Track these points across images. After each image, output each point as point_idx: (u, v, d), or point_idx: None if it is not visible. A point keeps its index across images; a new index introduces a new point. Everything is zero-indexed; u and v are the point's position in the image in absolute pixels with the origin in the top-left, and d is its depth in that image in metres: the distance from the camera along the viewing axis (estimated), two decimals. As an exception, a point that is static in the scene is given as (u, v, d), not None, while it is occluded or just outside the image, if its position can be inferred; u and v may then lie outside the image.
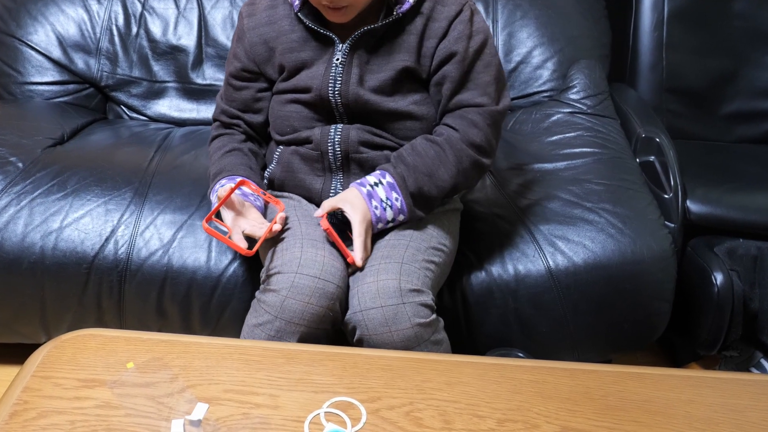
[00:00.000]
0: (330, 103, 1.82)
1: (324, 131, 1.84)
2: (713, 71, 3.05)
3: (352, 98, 1.80)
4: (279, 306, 1.61)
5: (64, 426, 1.26)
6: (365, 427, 1.30)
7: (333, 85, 1.79)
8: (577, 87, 2.71)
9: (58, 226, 2.05)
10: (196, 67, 2.81)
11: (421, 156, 1.76)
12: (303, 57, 1.83)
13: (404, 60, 1.78)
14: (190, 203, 2.14)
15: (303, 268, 1.63)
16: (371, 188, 1.74)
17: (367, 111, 1.82)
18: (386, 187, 1.74)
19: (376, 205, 1.72)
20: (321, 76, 1.80)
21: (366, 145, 1.83)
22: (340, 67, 1.79)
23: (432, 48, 1.79)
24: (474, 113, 1.79)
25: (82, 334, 1.50)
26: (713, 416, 1.41)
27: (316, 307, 1.62)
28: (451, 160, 1.77)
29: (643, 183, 2.36)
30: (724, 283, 2.25)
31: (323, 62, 1.81)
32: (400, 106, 1.81)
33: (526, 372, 1.49)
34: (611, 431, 1.34)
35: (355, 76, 1.79)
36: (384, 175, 1.76)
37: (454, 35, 1.77)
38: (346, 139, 1.82)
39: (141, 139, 2.55)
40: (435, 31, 1.78)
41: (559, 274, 2.06)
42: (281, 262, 1.67)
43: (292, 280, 1.62)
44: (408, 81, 1.82)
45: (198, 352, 1.47)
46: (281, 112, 1.89)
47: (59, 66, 2.74)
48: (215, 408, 1.32)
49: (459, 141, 1.78)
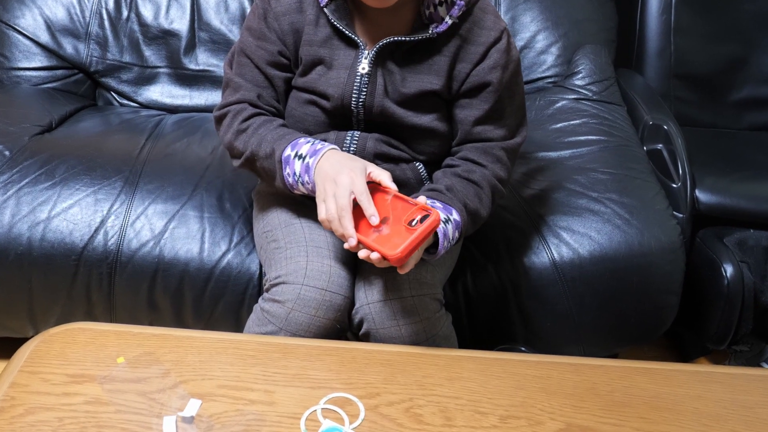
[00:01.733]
0: (351, 112, 1.76)
1: (339, 137, 1.78)
2: (723, 56, 3.05)
3: (377, 110, 1.75)
4: (284, 318, 1.60)
5: (53, 423, 1.25)
6: (363, 424, 1.30)
7: (357, 95, 1.73)
8: (583, 72, 2.71)
9: (46, 216, 2.05)
10: (189, 52, 2.80)
11: (468, 197, 1.69)
12: (321, 54, 1.75)
13: (432, 83, 1.73)
14: (183, 192, 2.13)
15: (309, 279, 1.62)
16: (445, 226, 1.59)
17: (389, 122, 1.77)
18: (453, 225, 1.62)
19: (446, 246, 1.60)
20: (343, 84, 1.73)
21: (381, 157, 1.79)
22: (366, 77, 1.73)
23: (464, 72, 1.74)
24: (498, 149, 1.76)
25: (71, 328, 1.49)
26: (722, 413, 1.41)
27: (323, 320, 1.60)
28: (488, 199, 1.73)
29: (650, 172, 2.35)
30: (734, 275, 2.25)
31: (344, 68, 1.74)
32: (423, 122, 1.76)
33: (530, 367, 1.49)
34: (617, 428, 1.34)
35: (380, 87, 1.73)
36: (450, 211, 1.64)
37: (489, 63, 1.72)
38: (362, 149, 1.77)
39: (132, 127, 2.54)
40: (470, 55, 1.73)
41: (563, 266, 2.05)
42: (286, 272, 1.65)
43: (298, 293, 1.60)
44: (431, 99, 1.76)
45: (191, 347, 1.46)
46: (296, 112, 1.82)
47: (47, 51, 2.73)
48: (208, 404, 1.32)
49: (492, 178, 1.74)
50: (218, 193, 2.15)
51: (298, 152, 1.62)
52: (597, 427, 1.34)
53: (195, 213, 2.09)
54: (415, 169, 1.80)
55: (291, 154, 1.63)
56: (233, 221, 2.09)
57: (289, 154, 1.63)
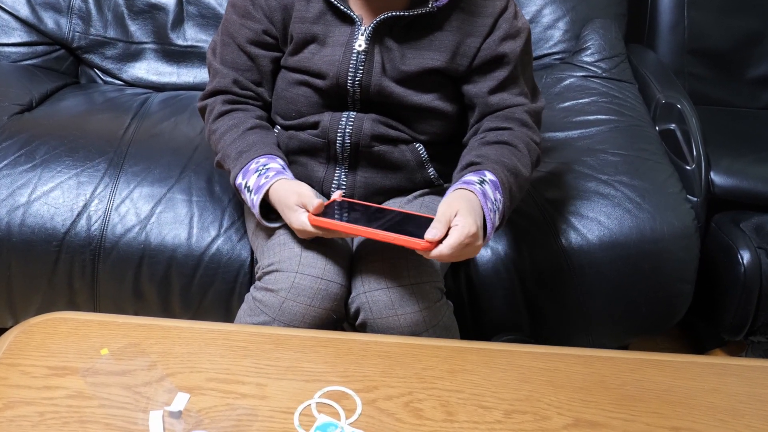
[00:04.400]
0: (346, 92, 1.76)
1: (334, 119, 1.78)
2: (739, 31, 3.04)
3: (375, 89, 1.74)
4: (278, 308, 1.60)
5: (33, 417, 1.25)
6: (360, 418, 1.30)
7: (353, 74, 1.72)
8: (591, 48, 2.70)
9: (26, 200, 2.04)
10: (177, 26, 2.79)
11: (501, 155, 1.67)
12: (314, 31, 1.75)
13: (435, 60, 1.72)
14: (170, 175, 2.13)
15: (304, 267, 1.61)
16: (481, 186, 1.57)
17: (387, 102, 1.77)
18: (491, 186, 1.59)
19: (490, 207, 1.56)
20: (338, 62, 1.72)
21: (379, 139, 1.78)
22: (363, 54, 1.72)
23: (474, 47, 1.73)
24: (520, 112, 1.75)
25: (52, 318, 1.49)
26: (738, 407, 1.41)
27: (319, 310, 1.60)
28: (525, 154, 1.70)
29: (663, 153, 2.35)
30: (752, 261, 2.25)
31: (339, 45, 1.73)
32: (424, 101, 1.76)
33: (536, 359, 1.49)
34: (628, 423, 1.34)
35: (378, 65, 1.73)
36: (483, 173, 1.61)
37: (499, 34, 1.72)
38: (359, 130, 1.76)
39: (116, 106, 2.53)
40: (477, 28, 1.73)
41: (572, 252, 2.05)
42: (279, 259, 1.65)
43: (293, 281, 1.60)
44: (433, 76, 1.76)
45: (178, 338, 1.46)
46: (287, 93, 1.82)
47: (27, 25, 2.72)
48: (197, 398, 1.31)
49: (524, 136, 1.73)
50: (207, 176, 2.14)
51: (247, 183, 1.67)
52: (607, 422, 1.34)
53: (183, 196, 2.08)
54: (415, 151, 1.79)
55: (242, 183, 1.69)
56: (223, 205, 2.08)
57: (240, 183, 1.69)
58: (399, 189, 1.81)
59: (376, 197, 1.81)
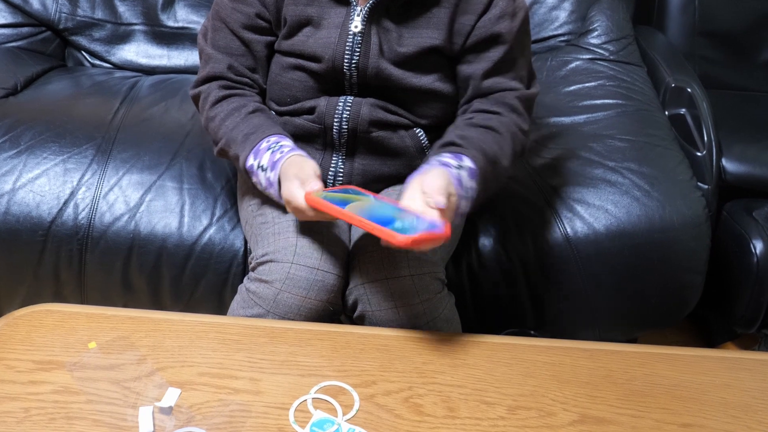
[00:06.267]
0: (343, 76, 1.76)
1: (331, 103, 1.77)
2: (752, 12, 3.04)
3: (372, 72, 1.74)
4: (272, 300, 1.59)
5: (18, 413, 1.25)
6: (358, 414, 1.30)
7: (350, 57, 1.73)
8: (598, 30, 2.70)
9: (11, 187, 2.04)
10: (167, 7, 2.79)
11: (484, 142, 1.67)
12: (309, 13, 1.75)
13: (432, 38, 1.73)
14: (160, 161, 2.12)
15: (299, 257, 1.61)
16: (458, 171, 1.58)
17: (385, 86, 1.76)
18: (468, 173, 1.60)
19: (462, 195, 1.57)
20: (334, 44, 1.72)
21: (378, 124, 1.78)
22: (359, 36, 1.72)
23: (468, 25, 1.73)
24: (511, 98, 1.75)
25: (38, 310, 1.49)
26: (751, 402, 1.41)
27: (315, 302, 1.59)
28: (509, 144, 1.71)
29: (672, 139, 2.35)
30: (765, 251, 2.25)
31: (335, 27, 1.74)
32: (423, 83, 1.76)
33: (541, 353, 1.49)
34: (636, 419, 1.34)
35: (375, 47, 1.73)
36: (461, 158, 1.61)
37: (495, 13, 1.72)
38: (356, 115, 1.76)
39: (104, 89, 2.53)
40: (473, 5, 1.72)
41: (577, 242, 2.05)
42: (274, 249, 1.64)
43: (288, 272, 1.59)
44: (432, 57, 1.76)
45: (169, 330, 1.46)
46: (281, 78, 1.81)
47: (11, 6, 2.71)
48: (188, 393, 1.31)
49: (512, 125, 1.73)
50: (199, 162, 2.14)
51: (260, 163, 1.65)
52: (614, 419, 1.34)
53: (174, 184, 2.08)
54: (415, 136, 1.79)
55: (254, 164, 1.66)
56: (215, 193, 2.08)
57: (252, 164, 1.66)
58: (398, 176, 1.81)
59: (375, 185, 1.80)
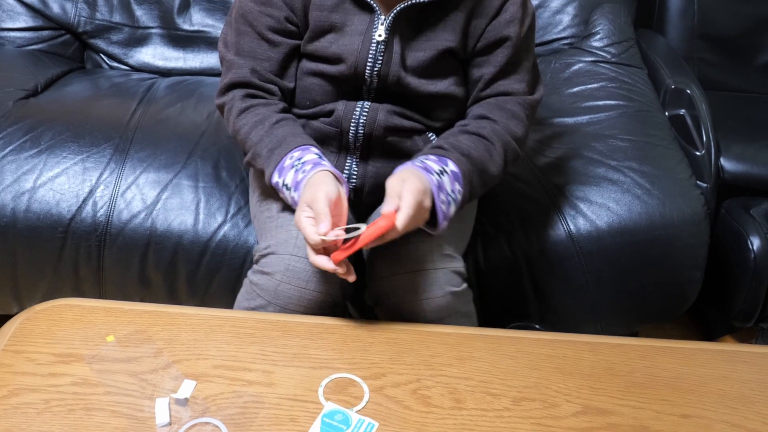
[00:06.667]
0: (363, 82, 1.74)
1: (348, 108, 1.76)
2: (750, 16, 3.03)
3: (393, 80, 1.72)
4: (273, 291, 1.59)
5: (38, 405, 1.25)
6: (368, 406, 1.30)
7: (372, 64, 1.71)
8: (601, 33, 2.69)
9: (31, 186, 2.04)
10: (183, 11, 2.79)
11: (472, 148, 1.66)
12: (333, 19, 1.72)
13: (448, 40, 1.71)
14: (176, 160, 2.12)
15: (299, 249, 1.60)
16: (439, 177, 1.57)
17: (403, 93, 1.75)
18: (451, 177, 1.59)
19: (443, 199, 1.56)
20: (357, 51, 1.70)
21: (393, 130, 1.76)
22: (382, 45, 1.69)
23: (480, 28, 1.72)
24: (513, 103, 1.74)
25: (58, 305, 1.49)
26: (749, 394, 1.40)
27: (314, 293, 1.59)
28: (500, 153, 1.69)
29: (672, 139, 2.34)
30: (762, 248, 2.24)
31: (358, 34, 1.70)
32: (440, 88, 1.75)
33: (545, 346, 1.48)
34: (637, 410, 1.34)
35: (397, 56, 1.71)
36: (445, 162, 1.60)
37: (505, 17, 1.71)
38: (373, 120, 1.75)
39: (122, 91, 2.53)
40: (486, 9, 1.71)
41: (580, 239, 2.05)
42: (275, 242, 1.64)
43: (287, 263, 1.59)
44: (448, 60, 1.75)
45: (184, 324, 1.46)
46: (302, 82, 1.79)
47: (33, 10, 2.71)
48: (203, 385, 1.31)
49: (505, 134, 1.71)
50: (214, 162, 2.14)
51: (284, 181, 1.61)
52: (615, 410, 1.34)
53: (189, 182, 2.08)
54: (428, 140, 1.79)
55: (279, 181, 1.63)
56: (230, 191, 2.08)
57: (278, 182, 1.63)
58: None
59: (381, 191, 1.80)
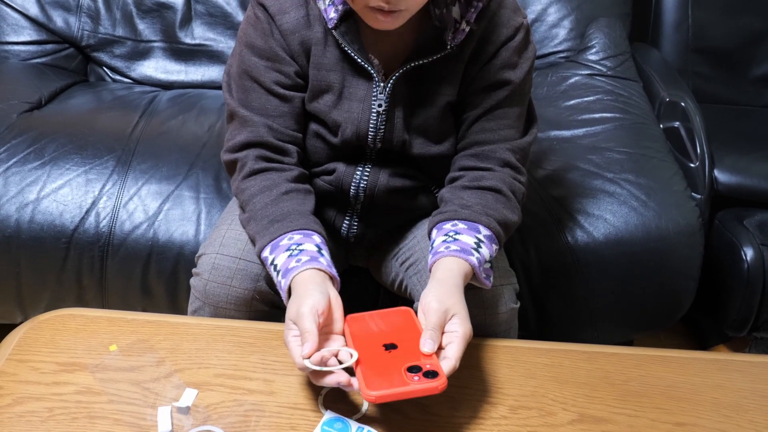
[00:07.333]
0: (366, 147, 1.64)
1: (348, 172, 1.66)
2: (743, 30, 3.04)
3: (397, 145, 1.62)
4: (203, 290, 1.58)
5: (42, 413, 1.25)
6: (367, 414, 1.30)
7: (374, 132, 1.60)
8: (596, 47, 2.70)
9: (35, 197, 2.04)
10: (185, 25, 2.79)
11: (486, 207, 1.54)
12: (330, 79, 1.59)
13: (448, 94, 1.60)
14: (178, 172, 2.13)
15: (224, 248, 1.59)
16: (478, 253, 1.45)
17: (407, 155, 1.66)
18: (487, 244, 1.49)
19: (486, 268, 1.49)
20: (357, 120, 1.59)
21: (395, 191, 1.68)
22: (384, 114, 1.59)
23: (471, 75, 1.59)
24: (503, 151, 1.61)
25: (61, 314, 1.49)
26: (742, 402, 1.40)
27: (239, 290, 1.57)
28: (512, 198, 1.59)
29: (667, 151, 2.35)
30: (755, 258, 2.24)
31: (358, 101, 1.59)
32: (444, 149, 1.65)
33: (541, 355, 1.49)
34: (632, 418, 1.34)
35: (399, 121, 1.60)
36: (477, 228, 1.49)
37: (497, 63, 1.58)
38: (374, 184, 1.67)
39: (125, 104, 2.54)
40: (482, 55, 1.59)
41: (577, 250, 2.05)
42: (206, 243, 1.64)
43: (213, 262, 1.58)
44: (450, 115, 1.65)
45: (186, 334, 1.46)
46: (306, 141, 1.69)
47: (36, 24, 2.72)
48: (205, 394, 1.31)
49: (508, 176, 1.59)
50: (215, 173, 2.14)
51: (274, 260, 1.45)
52: (611, 418, 1.34)
53: (191, 193, 2.08)
54: (431, 194, 1.72)
55: (268, 257, 1.47)
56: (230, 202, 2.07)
57: (267, 257, 1.48)
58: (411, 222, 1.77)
59: (384, 235, 1.79)
